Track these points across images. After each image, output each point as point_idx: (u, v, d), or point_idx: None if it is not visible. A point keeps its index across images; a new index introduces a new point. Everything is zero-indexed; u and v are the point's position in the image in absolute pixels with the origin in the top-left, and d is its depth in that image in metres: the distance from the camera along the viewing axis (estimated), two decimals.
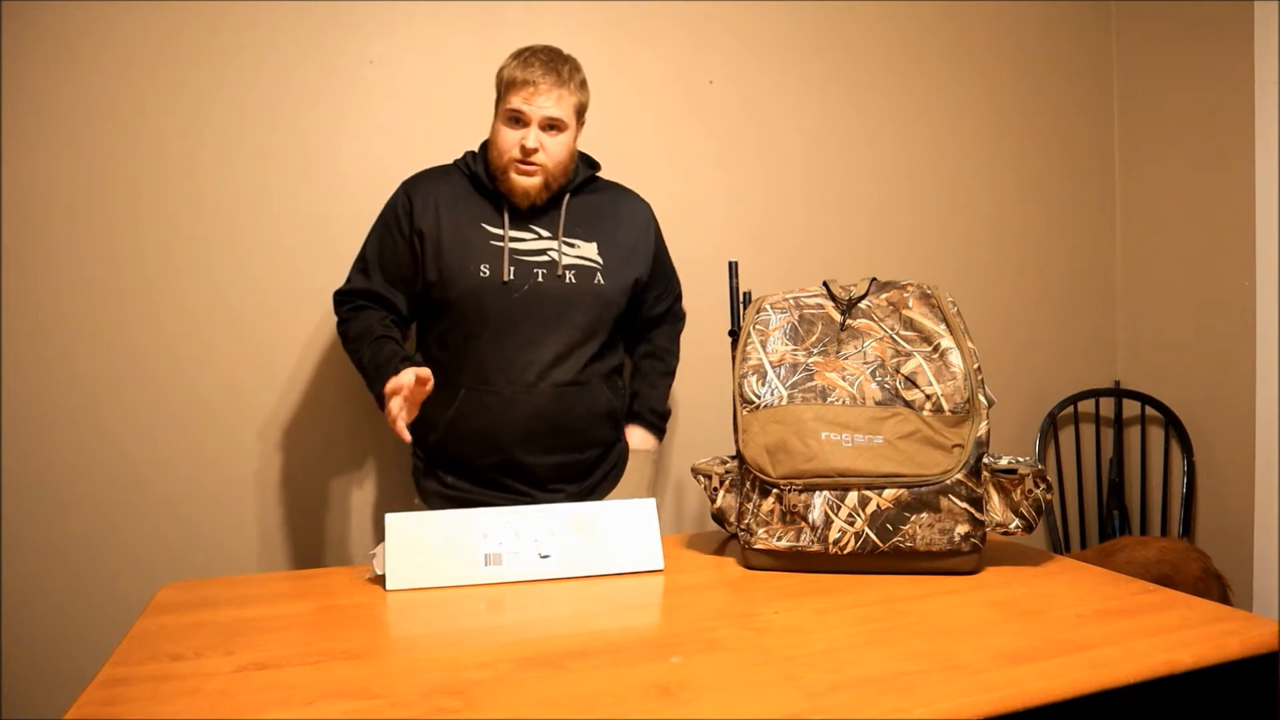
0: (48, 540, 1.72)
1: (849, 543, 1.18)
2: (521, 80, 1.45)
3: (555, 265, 1.51)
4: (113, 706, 0.80)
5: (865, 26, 2.31)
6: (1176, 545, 1.99)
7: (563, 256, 1.52)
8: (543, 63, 1.47)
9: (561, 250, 1.52)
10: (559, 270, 1.51)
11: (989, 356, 2.37)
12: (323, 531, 1.89)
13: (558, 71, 1.47)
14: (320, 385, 1.87)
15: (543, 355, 1.50)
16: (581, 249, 1.54)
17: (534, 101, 1.45)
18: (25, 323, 1.70)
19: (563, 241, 1.53)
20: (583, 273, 1.53)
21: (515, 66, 1.48)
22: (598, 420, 1.58)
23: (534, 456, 1.53)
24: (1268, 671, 0.93)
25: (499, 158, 1.50)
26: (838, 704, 0.78)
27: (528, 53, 1.49)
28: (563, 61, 1.50)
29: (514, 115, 1.47)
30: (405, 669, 0.88)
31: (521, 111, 1.46)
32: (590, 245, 1.55)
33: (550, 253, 1.52)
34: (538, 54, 1.48)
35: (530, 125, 1.46)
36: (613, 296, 1.57)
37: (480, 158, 1.57)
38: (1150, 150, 2.51)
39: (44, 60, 1.69)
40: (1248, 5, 2.20)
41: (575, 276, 1.52)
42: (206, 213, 1.79)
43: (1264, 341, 2.20)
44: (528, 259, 1.51)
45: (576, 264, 1.53)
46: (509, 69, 1.49)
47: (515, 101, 1.46)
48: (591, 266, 1.54)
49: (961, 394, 1.19)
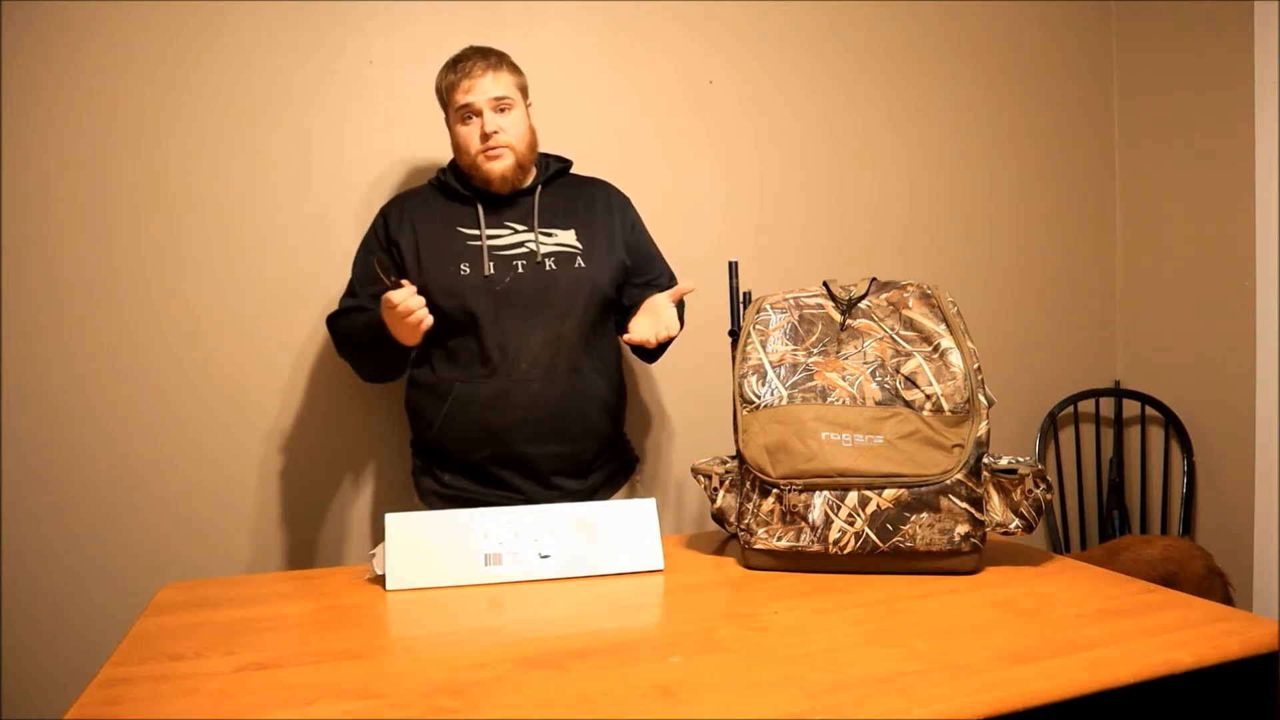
0: (48, 540, 1.72)
1: (849, 543, 1.18)
2: (457, 77, 1.52)
3: (534, 255, 1.53)
4: (113, 706, 0.80)
5: (865, 26, 2.31)
6: (1180, 544, 1.99)
7: (540, 246, 1.54)
8: (469, 56, 1.53)
9: (539, 240, 1.55)
10: (538, 258, 1.53)
11: (989, 356, 2.37)
12: (323, 531, 1.89)
13: (486, 57, 1.53)
14: (320, 385, 1.87)
15: (531, 343, 1.52)
16: (559, 236, 1.57)
17: (475, 89, 1.51)
18: (25, 323, 1.70)
19: (539, 232, 1.55)
20: (563, 258, 1.55)
21: (446, 71, 1.56)
22: (593, 409, 1.58)
23: (530, 446, 1.53)
24: (1268, 671, 0.93)
25: (465, 156, 1.55)
26: (838, 704, 0.78)
27: (454, 57, 1.56)
28: (489, 51, 1.56)
29: (464, 112, 1.52)
30: (405, 669, 0.88)
31: (469, 104, 1.51)
32: (568, 232, 1.58)
33: (528, 244, 1.54)
34: (463, 53, 1.55)
35: (482, 113, 1.51)
36: (596, 278, 1.57)
37: (450, 169, 1.61)
38: (1150, 150, 2.51)
39: (44, 60, 1.69)
40: (1248, 5, 2.20)
41: (555, 263, 1.54)
42: (206, 212, 1.80)
43: (1264, 341, 2.20)
44: (506, 253, 1.53)
45: (556, 250, 1.55)
46: (442, 77, 1.56)
47: (459, 97, 1.52)
48: (571, 251, 1.56)
49: (961, 394, 1.19)
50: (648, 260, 1.70)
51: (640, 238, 1.70)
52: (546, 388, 1.53)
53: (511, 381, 1.52)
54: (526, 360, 1.52)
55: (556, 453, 1.55)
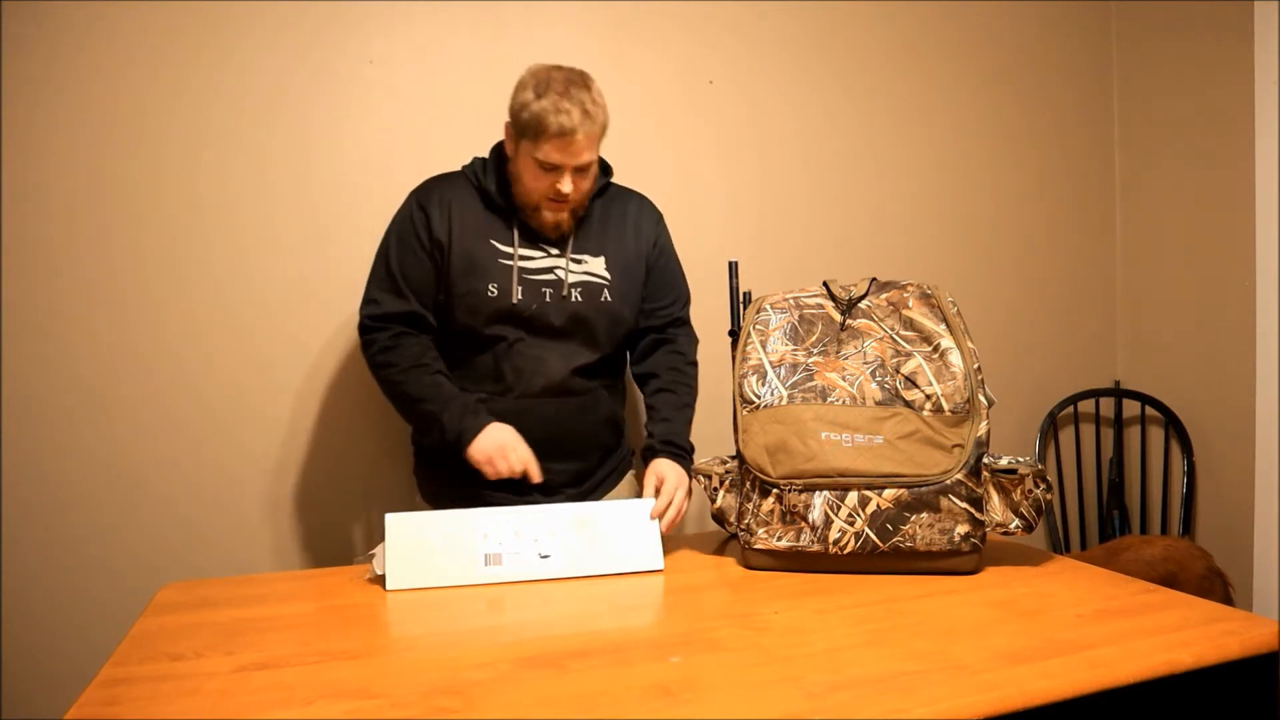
0: (48, 540, 1.72)
1: (849, 543, 1.18)
2: (556, 131, 1.36)
3: (561, 284, 1.49)
4: (113, 706, 0.80)
5: (865, 26, 2.31)
6: (1180, 544, 2.00)
7: (569, 275, 1.49)
8: (576, 106, 1.36)
9: (569, 268, 1.50)
10: (564, 290, 1.49)
11: (989, 356, 2.37)
12: (323, 531, 1.89)
13: (589, 114, 1.37)
14: (320, 384, 1.87)
15: (548, 368, 1.49)
16: (589, 264, 1.52)
17: (569, 153, 1.38)
18: (25, 323, 1.70)
19: (570, 259, 1.50)
20: (590, 290, 1.51)
21: (547, 110, 1.35)
22: (600, 426, 1.57)
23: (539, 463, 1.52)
24: (1268, 671, 0.93)
25: (527, 195, 1.45)
26: (838, 704, 0.78)
27: (556, 92, 1.36)
28: (588, 95, 1.39)
29: (546, 164, 1.39)
30: (405, 669, 0.88)
31: (558, 164, 1.39)
32: (598, 260, 1.53)
33: (558, 270, 1.49)
34: (568, 94, 1.36)
35: (566, 173, 1.40)
36: (620, 312, 1.54)
37: (491, 171, 1.52)
38: (1150, 150, 2.51)
39: (44, 60, 1.69)
40: (1248, 5, 2.20)
41: (581, 294, 1.50)
42: (206, 212, 1.79)
43: (1264, 341, 2.20)
44: (536, 278, 1.48)
45: (583, 281, 1.51)
46: (540, 112, 1.36)
47: (551, 155, 1.38)
48: (599, 283, 1.52)
49: (961, 394, 1.19)
50: (663, 285, 1.63)
51: (661, 259, 1.63)
52: (559, 409, 1.50)
53: (524, 401, 1.48)
54: (541, 383, 1.49)
55: (564, 469, 1.53)
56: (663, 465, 1.44)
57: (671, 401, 1.57)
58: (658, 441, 1.50)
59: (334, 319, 1.87)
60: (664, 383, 1.59)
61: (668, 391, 1.58)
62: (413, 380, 1.45)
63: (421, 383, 1.45)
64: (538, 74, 1.40)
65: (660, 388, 1.58)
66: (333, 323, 1.87)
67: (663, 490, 1.39)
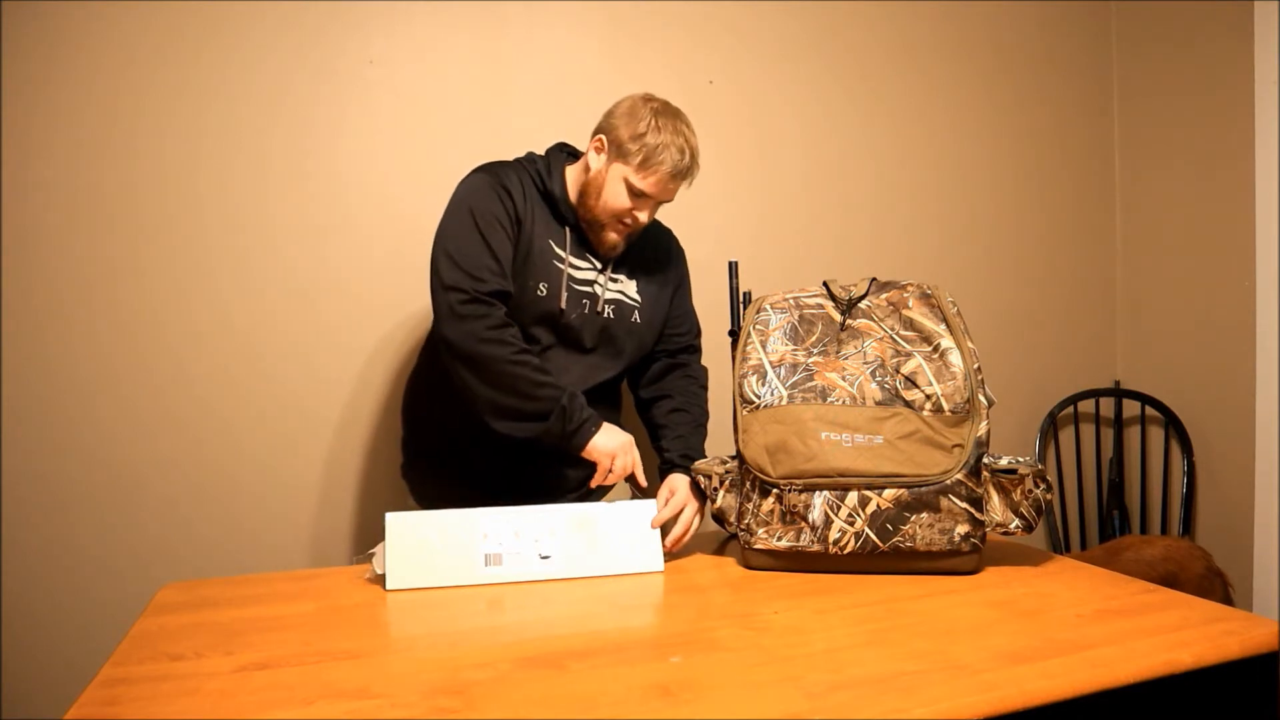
0: (48, 540, 1.72)
1: (849, 543, 1.18)
2: (670, 171, 1.43)
3: (597, 299, 1.50)
4: (113, 706, 0.80)
5: (865, 26, 2.31)
6: (1180, 544, 2.00)
7: (605, 291, 1.50)
8: (691, 153, 1.46)
9: (606, 285, 1.51)
10: (599, 305, 1.50)
11: (989, 356, 2.37)
12: (323, 531, 1.89)
13: (697, 164, 1.48)
14: (320, 384, 1.87)
15: (568, 378, 1.48)
16: (623, 285, 1.54)
17: (667, 190, 1.46)
18: (25, 323, 1.70)
19: (609, 276, 1.52)
20: (621, 310, 1.52)
21: (668, 146, 1.42)
22: None
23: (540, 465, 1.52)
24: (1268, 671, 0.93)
25: (600, 211, 1.46)
26: (838, 704, 0.78)
27: (674, 130, 1.44)
28: (695, 161, 1.48)
29: (635, 191, 1.43)
30: (405, 669, 0.88)
31: (650, 195, 1.44)
32: (631, 282, 1.55)
33: (596, 285, 1.50)
34: (684, 138, 1.45)
35: (650, 204, 1.46)
36: (645, 336, 1.56)
37: (556, 176, 1.51)
38: (1150, 150, 2.51)
39: (44, 60, 1.69)
40: (1248, 5, 2.20)
41: (613, 312, 1.51)
42: (206, 212, 1.79)
43: (1264, 341, 2.20)
44: (580, 288, 1.49)
45: (616, 300, 1.52)
46: (659, 147, 1.42)
47: (651, 187, 1.43)
48: (629, 305, 1.54)
49: (961, 394, 1.19)
50: (681, 315, 1.66)
51: (680, 293, 1.66)
52: None
53: None
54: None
55: (564, 471, 1.54)
56: (678, 480, 1.43)
57: (687, 420, 1.57)
58: (676, 456, 1.50)
59: (334, 318, 1.87)
60: (679, 403, 1.59)
61: (683, 411, 1.58)
62: (529, 364, 1.38)
63: (538, 367, 1.39)
64: (654, 107, 1.46)
65: (675, 407, 1.59)
66: (333, 322, 1.87)
67: (672, 501, 1.37)
